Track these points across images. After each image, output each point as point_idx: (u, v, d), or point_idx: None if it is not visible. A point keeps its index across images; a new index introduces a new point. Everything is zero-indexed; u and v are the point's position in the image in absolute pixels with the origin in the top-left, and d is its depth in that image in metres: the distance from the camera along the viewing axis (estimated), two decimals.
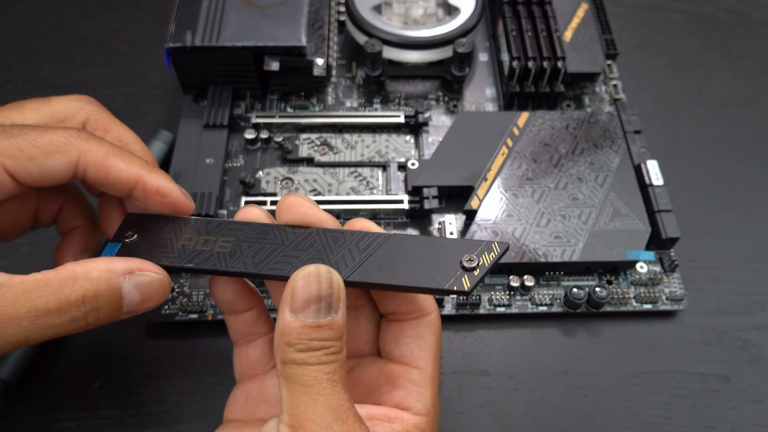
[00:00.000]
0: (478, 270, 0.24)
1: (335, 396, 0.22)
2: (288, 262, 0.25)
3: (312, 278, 0.23)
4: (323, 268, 0.23)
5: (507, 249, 0.26)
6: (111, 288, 0.24)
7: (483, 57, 0.48)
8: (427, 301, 0.27)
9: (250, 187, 0.39)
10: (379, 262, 0.25)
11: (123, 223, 0.28)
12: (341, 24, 0.48)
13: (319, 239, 0.26)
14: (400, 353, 0.26)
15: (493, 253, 0.25)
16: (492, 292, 0.37)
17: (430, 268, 0.25)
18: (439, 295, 0.27)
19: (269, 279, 0.26)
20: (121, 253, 0.26)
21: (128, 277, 0.24)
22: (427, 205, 0.38)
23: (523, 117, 0.41)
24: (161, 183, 0.26)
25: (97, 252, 0.31)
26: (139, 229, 0.27)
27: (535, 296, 0.36)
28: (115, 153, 0.26)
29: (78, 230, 0.30)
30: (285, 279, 0.24)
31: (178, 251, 0.26)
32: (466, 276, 0.24)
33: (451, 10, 0.45)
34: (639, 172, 0.40)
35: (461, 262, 0.24)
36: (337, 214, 0.39)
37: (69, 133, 0.25)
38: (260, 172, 0.40)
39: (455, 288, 0.24)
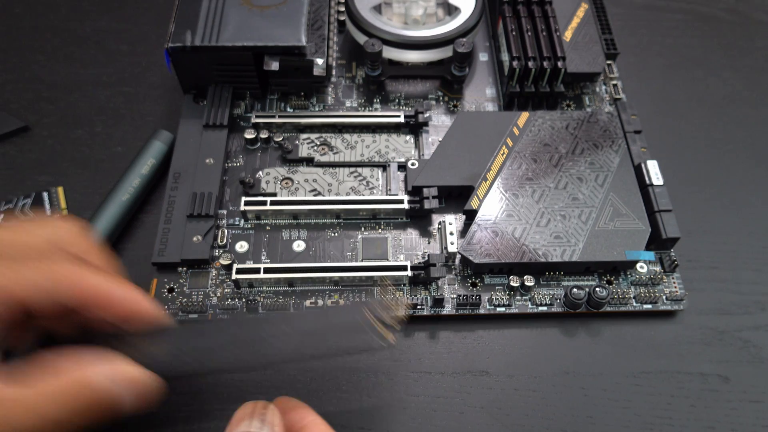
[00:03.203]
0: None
1: None
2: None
3: (247, 406, 0.26)
4: (259, 402, 0.26)
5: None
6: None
7: (483, 57, 0.48)
8: None
9: (250, 187, 0.39)
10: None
11: None
12: (341, 24, 0.48)
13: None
14: None
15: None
16: (492, 292, 0.37)
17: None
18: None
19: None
20: None
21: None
22: (427, 205, 0.38)
23: (523, 117, 0.41)
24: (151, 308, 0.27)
25: None
26: None
27: (535, 296, 0.36)
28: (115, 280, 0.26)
29: None
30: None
31: None
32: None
33: (451, 10, 0.45)
34: (639, 172, 0.40)
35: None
36: (337, 214, 0.39)
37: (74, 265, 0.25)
38: (260, 172, 0.40)
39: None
